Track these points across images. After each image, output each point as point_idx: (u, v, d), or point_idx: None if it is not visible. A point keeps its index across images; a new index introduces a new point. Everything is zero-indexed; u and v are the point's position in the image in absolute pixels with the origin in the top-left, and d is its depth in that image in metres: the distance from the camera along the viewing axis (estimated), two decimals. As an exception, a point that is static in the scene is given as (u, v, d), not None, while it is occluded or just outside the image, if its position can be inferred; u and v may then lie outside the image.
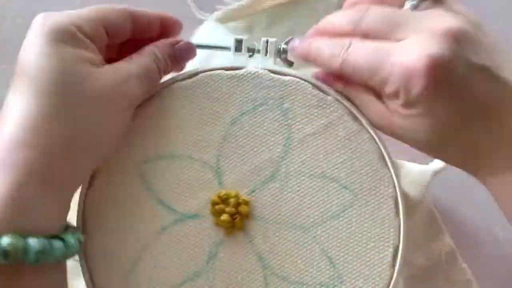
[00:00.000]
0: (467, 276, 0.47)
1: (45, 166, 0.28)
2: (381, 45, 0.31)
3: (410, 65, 0.29)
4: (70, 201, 0.31)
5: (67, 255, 0.29)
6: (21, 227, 0.27)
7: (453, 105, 0.30)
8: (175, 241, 0.34)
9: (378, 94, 0.33)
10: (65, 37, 0.30)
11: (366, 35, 0.32)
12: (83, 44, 0.31)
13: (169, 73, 0.36)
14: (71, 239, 0.30)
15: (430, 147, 0.33)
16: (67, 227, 0.31)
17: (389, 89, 0.31)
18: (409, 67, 0.29)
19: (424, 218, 0.46)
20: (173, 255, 0.34)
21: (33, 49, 0.30)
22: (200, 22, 0.51)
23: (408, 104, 0.31)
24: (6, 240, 0.26)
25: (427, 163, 0.44)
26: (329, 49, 0.33)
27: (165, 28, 0.36)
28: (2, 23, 0.50)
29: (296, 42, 0.36)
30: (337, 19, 0.34)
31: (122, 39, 0.34)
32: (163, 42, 0.35)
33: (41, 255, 0.27)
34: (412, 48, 0.30)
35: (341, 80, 0.35)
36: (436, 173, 0.42)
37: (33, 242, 0.27)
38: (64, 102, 0.29)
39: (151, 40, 0.35)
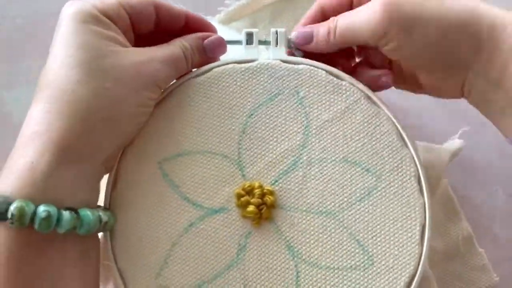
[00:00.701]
0: (483, 261, 0.47)
1: (64, 136, 0.30)
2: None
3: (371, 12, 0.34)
4: (90, 176, 0.31)
5: (81, 228, 0.30)
6: (34, 195, 0.28)
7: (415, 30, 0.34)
8: (203, 236, 0.34)
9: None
10: (87, 18, 0.32)
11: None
12: (105, 25, 0.33)
13: (199, 66, 0.37)
14: (87, 213, 0.30)
15: (435, 55, 0.35)
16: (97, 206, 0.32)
17: (377, 27, 0.34)
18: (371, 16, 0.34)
19: (441, 200, 0.46)
20: (203, 250, 0.34)
21: (59, 32, 0.32)
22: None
23: (384, 44, 0.35)
24: (14, 205, 0.28)
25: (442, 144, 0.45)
26: (322, 29, 0.36)
27: (194, 29, 0.37)
28: (2, 23, 0.50)
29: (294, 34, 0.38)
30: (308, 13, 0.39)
31: (147, 27, 0.35)
32: (193, 35, 0.37)
33: (46, 222, 0.28)
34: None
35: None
36: (453, 155, 0.42)
37: (40, 210, 0.28)
38: (86, 75, 0.31)
39: (180, 35, 0.36)
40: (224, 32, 0.49)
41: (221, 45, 0.37)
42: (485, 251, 0.47)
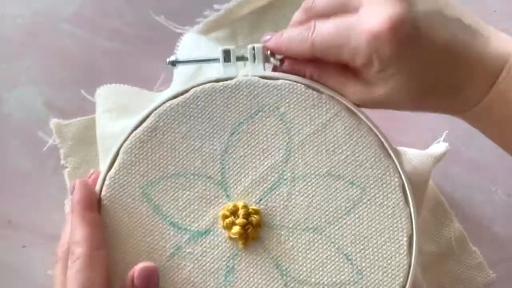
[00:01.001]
0: (478, 259, 0.47)
1: None
2: (342, 19, 0.33)
3: (375, 31, 0.31)
4: None
5: None
6: None
7: (422, 54, 0.32)
8: (190, 260, 0.34)
9: (353, 73, 0.34)
10: None
11: (324, 15, 0.34)
12: None
13: None
14: None
15: (414, 101, 0.34)
16: None
17: (361, 59, 0.32)
18: (375, 33, 0.31)
19: (430, 204, 0.46)
20: (191, 274, 0.34)
21: None
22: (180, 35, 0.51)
23: (383, 68, 0.32)
24: None
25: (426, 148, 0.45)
26: (298, 36, 0.34)
27: None
28: (2, 23, 0.49)
29: (267, 37, 0.36)
30: (295, 14, 0.36)
31: None
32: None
33: None
34: (372, 15, 0.32)
35: (315, 68, 0.36)
36: (438, 158, 0.42)
37: None
38: None
39: None
40: (203, 43, 0.49)
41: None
42: (485, 251, 0.47)
